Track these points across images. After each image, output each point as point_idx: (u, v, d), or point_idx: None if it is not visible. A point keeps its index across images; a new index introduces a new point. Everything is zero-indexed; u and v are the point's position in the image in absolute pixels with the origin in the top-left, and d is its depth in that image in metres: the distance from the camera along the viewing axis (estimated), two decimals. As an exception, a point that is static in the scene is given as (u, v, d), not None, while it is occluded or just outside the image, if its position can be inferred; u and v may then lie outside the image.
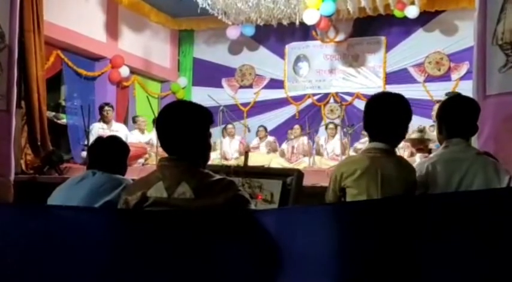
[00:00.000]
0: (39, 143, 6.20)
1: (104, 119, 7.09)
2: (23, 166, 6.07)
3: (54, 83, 7.61)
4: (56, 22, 7.04)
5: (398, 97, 2.15)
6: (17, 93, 5.30)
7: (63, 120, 7.77)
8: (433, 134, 5.30)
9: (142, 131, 7.86)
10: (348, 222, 1.23)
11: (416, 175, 2.16)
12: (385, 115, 2.12)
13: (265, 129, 8.84)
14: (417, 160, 4.57)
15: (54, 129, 7.02)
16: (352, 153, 6.98)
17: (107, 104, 7.19)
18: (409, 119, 2.17)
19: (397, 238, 1.15)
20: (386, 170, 2.07)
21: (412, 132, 5.72)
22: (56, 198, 2.49)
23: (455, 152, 2.18)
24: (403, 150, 6.46)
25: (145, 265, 1.28)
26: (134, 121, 8.09)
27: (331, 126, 8.05)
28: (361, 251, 1.19)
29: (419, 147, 5.02)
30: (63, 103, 8.00)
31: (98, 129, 6.89)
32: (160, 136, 1.82)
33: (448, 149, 2.21)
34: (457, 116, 2.23)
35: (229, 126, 8.49)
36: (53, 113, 7.68)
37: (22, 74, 5.85)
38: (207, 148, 1.90)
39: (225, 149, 8.25)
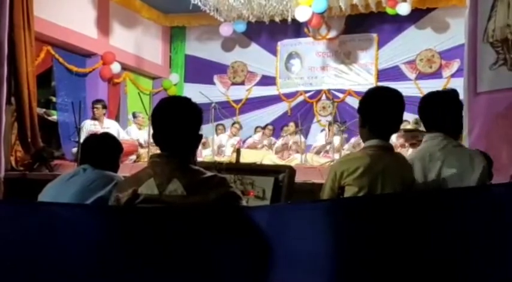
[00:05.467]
0: (29, 140, 6.15)
1: (93, 116, 7.08)
2: (13, 163, 6.03)
3: (44, 79, 7.56)
4: (47, 18, 6.98)
5: (395, 92, 2.15)
6: (6, 89, 5.27)
7: (54, 116, 7.71)
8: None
9: (140, 128, 7.86)
10: (340, 218, 1.23)
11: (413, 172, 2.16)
12: (385, 111, 2.11)
13: (274, 129, 8.75)
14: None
15: (44, 125, 6.95)
16: (345, 151, 7.01)
17: (98, 102, 7.15)
18: (403, 113, 2.18)
19: (391, 235, 1.15)
20: (387, 168, 2.06)
21: (406, 124, 5.72)
22: (46, 195, 2.47)
23: (432, 146, 2.19)
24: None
25: (137, 261, 1.27)
26: (134, 116, 8.10)
27: (339, 124, 7.97)
28: (354, 247, 1.19)
29: (412, 142, 5.03)
30: (54, 99, 7.93)
31: (90, 126, 6.88)
32: (155, 130, 1.81)
33: (426, 144, 2.22)
34: (437, 110, 2.23)
35: (236, 125, 8.63)
36: (44, 110, 7.62)
37: (12, 70, 5.79)
38: (198, 146, 1.90)
39: (223, 143, 8.28)
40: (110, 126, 7.01)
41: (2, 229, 1.35)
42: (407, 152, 4.97)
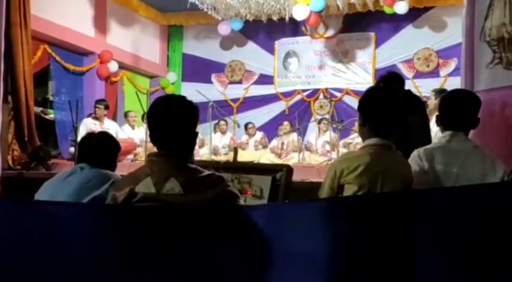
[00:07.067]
0: (26, 139, 6.13)
1: (95, 115, 7.08)
2: (10, 162, 6.00)
3: (41, 77, 7.52)
4: (44, 16, 6.96)
5: (395, 91, 2.16)
6: (3, 88, 5.25)
7: (51, 115, 7.68)
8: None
9: (133, 127, 7.84)
10: (339, 217, 1.23)
11: (412, 170, 2.17)
12: (386, 110, 2.12)
13: (255, 126, 8.87)
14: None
15: (41, 124, 6.93)
16: (341, 149, 7.02)
17: (101, 102, 7.16)
18: (402, 113, 2.19)
19: (391, 233, 1.15)
20: (387, 166, 2.07)
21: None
22: (43, 194, 2.47)
23: (454, 143, 2.21)
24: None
25: (137, 261, 1.27)
26: (126, 116, 8.09)
27: (325, 121, 8.05)
28: (353, 246, 1.19)
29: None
30: (51, 98, 7.90)
31: (90, 125, 6.87)
32: (152, 130, 1.81)
33: (446, 139, 2.24)
34: (455, 108, 2.26)
35: (222, 122, 8.59)
36: (41, 109, 7.59)
37: (9, 69, 5.77)
38: (195, 144, 1.90)
39: (216, 144, 8.27)
40: (109, 127, 7.00)
41: (2, 229, 1.34)
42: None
